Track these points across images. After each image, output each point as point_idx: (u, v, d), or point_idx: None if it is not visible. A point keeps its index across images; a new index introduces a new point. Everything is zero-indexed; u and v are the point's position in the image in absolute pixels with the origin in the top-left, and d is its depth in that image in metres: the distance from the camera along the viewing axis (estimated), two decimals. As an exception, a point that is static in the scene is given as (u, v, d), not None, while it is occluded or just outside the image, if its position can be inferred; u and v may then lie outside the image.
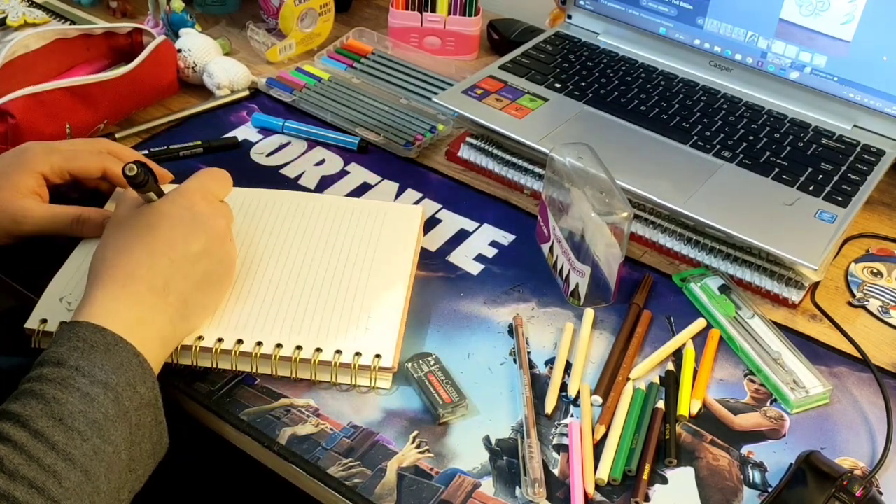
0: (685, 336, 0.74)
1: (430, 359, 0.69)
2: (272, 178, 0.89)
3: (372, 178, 0.89)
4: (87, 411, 0.54)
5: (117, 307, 0.60)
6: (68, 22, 1.10)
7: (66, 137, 0.88)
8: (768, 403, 0.69)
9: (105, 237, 0.66)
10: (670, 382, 0.70)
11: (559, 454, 0.64)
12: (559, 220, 0.76)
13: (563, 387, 0.69)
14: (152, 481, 0.59)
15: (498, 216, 0.86)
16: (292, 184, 0.88)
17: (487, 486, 0.62)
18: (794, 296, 0.77)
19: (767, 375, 0.70)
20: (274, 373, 0.68)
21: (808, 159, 0.86)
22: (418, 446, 0.64)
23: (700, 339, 0.74)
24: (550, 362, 0.71)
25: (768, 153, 0.86)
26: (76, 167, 0.76)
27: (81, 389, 0.55)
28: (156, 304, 0.62)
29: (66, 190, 0.78)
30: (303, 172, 0.89)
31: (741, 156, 0.86)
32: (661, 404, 0.68)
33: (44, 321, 0.68)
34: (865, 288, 0.81)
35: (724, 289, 0.77)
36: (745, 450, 0.65)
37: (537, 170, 0.88)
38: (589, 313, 0.75)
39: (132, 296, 0.61)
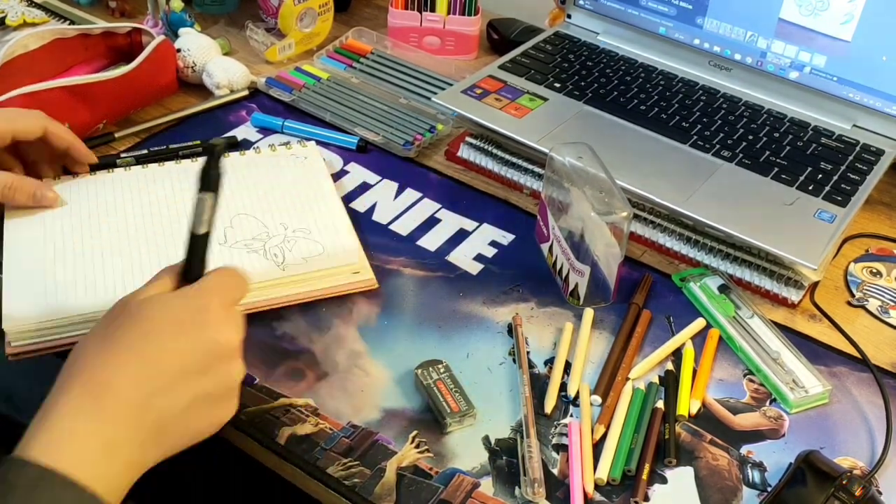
0: (684, 336, 0.74)
1: (440, 366, 0.69)
2: (271, 177, 0.88)
3: (371, 177, 0.89)
4: None
5: (82, 427, 0.49)
6: (67, 22, 1.10)
7: (65, 137, 0.88)
8: (768, 403, 0.69)
9: (95, 331, 0.55)
10: (670, 382, 0.70)
11: (558, 454, 0.64)
12: (559, 219, 0.76)
13: (563, 386, 0.69)
14: (151, 481, 0.59)
15: (497, 216, 0.86)
16: (291, 183, 0.88)
17: (487, 485, 0.62)
18: (794, 295, 0.77)
19: (767, 375, 0.70)
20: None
21: (807, 159, 0.86)
22: (417, 446, 0.64)
23: (699, 339, 0.74)
24: (550, 362, 0.71)
25: (768, 153, 0.86)
26: (19, 128, 0.76)
27: None
28: (129, 424, 0.51)
29: None
30: (302, 172, 0.89)
31: (741, 155, 0.86)
32: (660, 404, 0.68)
33: None
34: (865, 288, 0.81)
35: (723, 288, 0.77)
36: (744, 449, 0.65)
37: (537, 169, 0.88)
38: (588, 313, 0.75)
39: (103, 411, 0.50)
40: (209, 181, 0.57)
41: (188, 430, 0.54)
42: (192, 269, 0.58)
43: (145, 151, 0.89)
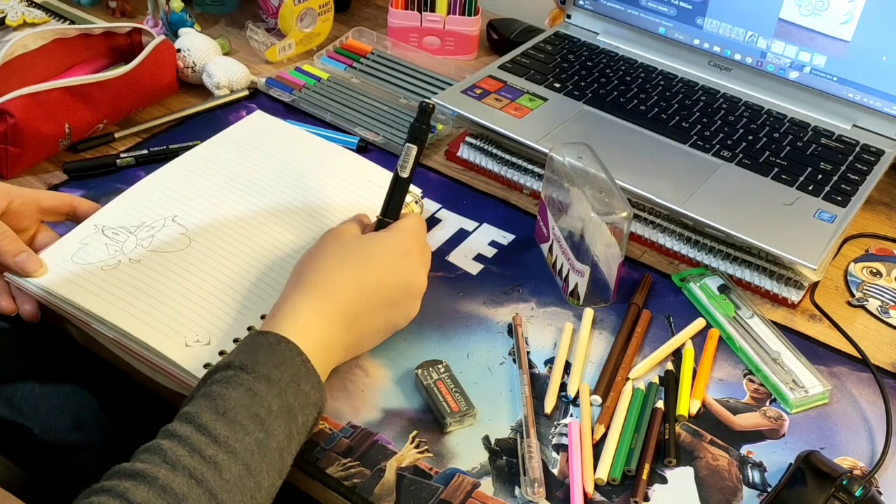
0: (684, 336, 0.74)
1: (440, 366, 0.69)
2: (271, 177, 0.88)
3: (371, 177, 0.89)
4: (249, 405, 0.55)
5: (311, 321, 0.62)
6: (67, 21, 1.10)
7: (65, 137, 0.88)
8: (768, 403, 0.69)
9: (323, 246, 0.67)
10: (670, 382, 0.70)
11: (558, 454, 0.64)
12: (558, 219, 0.76)
13: (563, 386, 0.69)
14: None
15: (497, 216, 0.86)
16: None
17: (487, 485, 0.62)
18: (794, 295, 0.77)
19: (767, 375, 0.70)
20: None
21: (807, 159, 0.86)
22: (417, 446, 0.64)
23: (699, 339, 0.74)
24: (550, 362, 0.71)
25: (768, 153, 0.86)
26: None
27: (244, 385, 0.56)
28: (341, 330, 0.64)
29: None
30: (302, 172, 0.89)
31: (740, 155, 0.86)
32: (660, 404, 0.68)
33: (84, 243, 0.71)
34: (865, 288, 0.81)
35: (723, 288, 0.77)
36: (744, 449, 0.65)
37: (537, 169, 0.88)
38: (588, 313, 0.75)
39: (327, 317, 0.63)
40: (418, 135, 0.70)
41: (372, 344, 0.69)
42: (391, 207, 0.71)
43: (145, 151, 0.89)
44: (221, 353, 0.66)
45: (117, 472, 0.51)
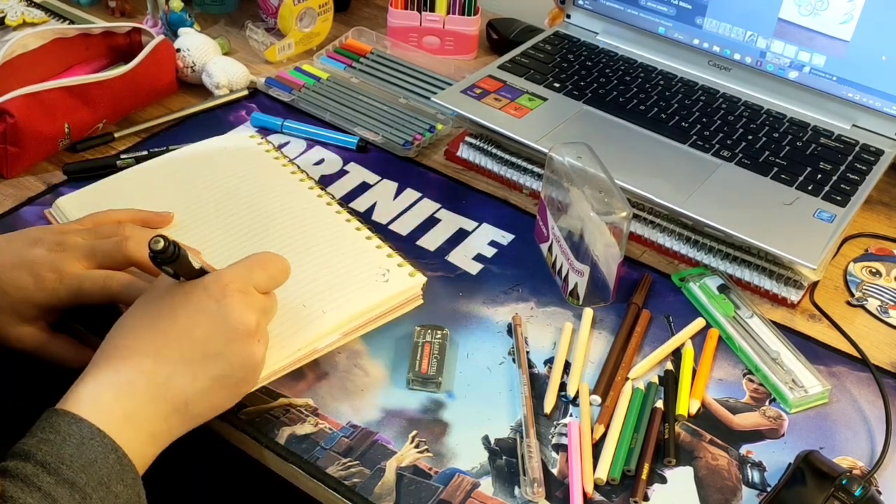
0: (684, 335, 0.74)
1: (438, 332, 0.71)
2: (271, 177, 0.88)
3: (371, 177, 0.89)
4: None
5: (105, 396, 0.54)
6: (67, 21, 1.10)
7: (64, 137, 0.88)
8: (767, 403, 0.69)
9: (128, 311, 0.60)
10: (669, 382, 0.70)
11: (558, 454, 0.64)
12: (558, 219, 0.76)
13: (562, 386, 0.69)
14: (151, 481, 0.59)
15: (497, 216, 0.86)
16: (291, 183, 0.88)
17: (486, 485, 0.62)
18: (793, 295, 0.77)
19: (766, 375, 0.70)
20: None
21: (806, 159, 0.86)
22: (417, 446, 0.64)
23: (699, 339, 0.74)
24: (549, 362, 0.71)
25: (767, 153, 0.86)
26: (82, 297, 0.65)
27: (43, 489, 0.49)
28: (150, 399, 0.55)
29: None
30: (302, 172, 0.89)
31: (740, 155, 0.86)
32: (660, 404, 0.68)
33: None
34: (864, 287, 0.81)
35: (723, 288, 0.77)
36: (743, 449, 0.66)
37: (536, 169, 0.88)
38: (588, 313, 0.75)
39: (125, 385, 0.55)
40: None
41: (211, 405, 0.59)
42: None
43: (145, 152, 0.89)
44: None
45: None
